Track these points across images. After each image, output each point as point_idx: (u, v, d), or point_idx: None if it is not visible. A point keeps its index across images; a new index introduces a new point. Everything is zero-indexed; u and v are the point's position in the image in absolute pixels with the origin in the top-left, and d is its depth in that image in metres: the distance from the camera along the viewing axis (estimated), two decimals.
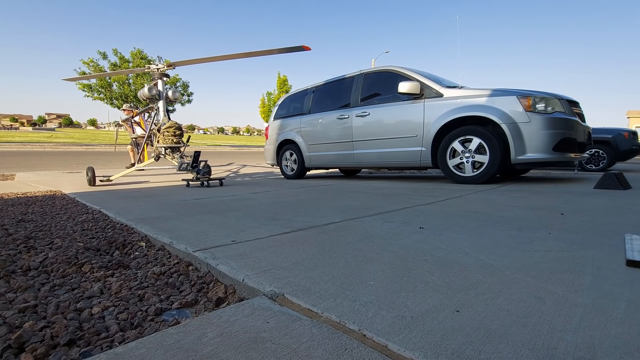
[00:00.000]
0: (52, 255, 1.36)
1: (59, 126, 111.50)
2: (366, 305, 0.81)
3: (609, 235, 1.40)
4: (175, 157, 4.39)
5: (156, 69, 4.51)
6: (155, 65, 4.53)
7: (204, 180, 4.08)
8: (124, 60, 25.17)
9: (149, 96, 4.39)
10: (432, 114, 3.77)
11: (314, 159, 5.11)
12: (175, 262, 1.30)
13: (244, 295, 0.98)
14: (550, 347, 0.62)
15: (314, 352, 0.64)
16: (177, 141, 4.33)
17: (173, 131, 4.31)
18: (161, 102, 4.49)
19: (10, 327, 0.81)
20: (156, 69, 4.51)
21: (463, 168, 3.65)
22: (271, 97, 32.34)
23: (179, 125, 4.41)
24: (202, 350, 0.66)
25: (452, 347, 0.63)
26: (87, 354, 0.72)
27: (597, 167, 6.45)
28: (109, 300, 0.99)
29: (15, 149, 16.80)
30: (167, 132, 4.31)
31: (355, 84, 4.60)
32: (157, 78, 4.51)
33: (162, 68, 4.51)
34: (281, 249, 1.29)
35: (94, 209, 2.46)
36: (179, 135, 4.37)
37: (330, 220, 1.84)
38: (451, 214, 1.93)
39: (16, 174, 5.97)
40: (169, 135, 4.30)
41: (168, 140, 4.31)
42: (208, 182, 4.12)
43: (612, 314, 0.74)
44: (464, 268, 1.05)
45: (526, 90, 3.41)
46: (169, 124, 4.33)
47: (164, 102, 4.51)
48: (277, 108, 5.90)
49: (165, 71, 4.56)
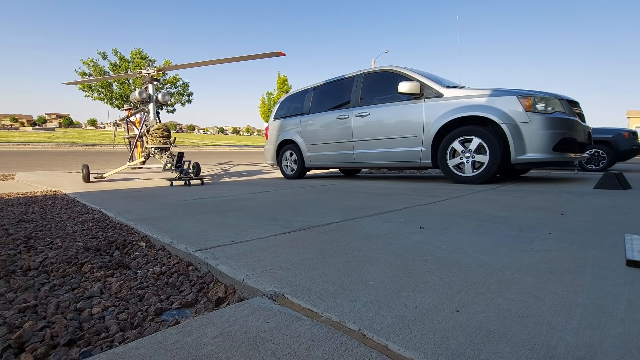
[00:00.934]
0: (52, 255, 1.36)
1: (59, 126, 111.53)
2: (366, 305, 0.81)
3: (609, 235, 1.40)
4: (163, 156, 4.68)
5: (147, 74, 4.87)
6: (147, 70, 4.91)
7: (186, 180, 4.32)
8: (124, 60, 25.16)
9: (139, 99, 4.72)
10: (432, 114, 3.77)
11: (314, 159, 5.11)
12: (175, 262, 1.30)
13: (244, 295, 0.98)
14: (550, 347, 0.62)
15: (314, 352, 0.64)
16: (164, 142, 4.66)
17: (161, 132, 4.63)
18: (151, 104, 4.82)
19: (10, 327, 0.81)
20: (147, 73, 4.88)
21: (463, 168, 3.65)
22: (271, 97, 32.33)
23: (167, 127, 4.73)
24: (202, 350, 0.66)
25: (452, 347, 0.63)
26: (87, 354, 0.72)
27: (597, 167, 6.45)
28: (109, 300, 0.99)
29: (15, 149, 16.80)
30: (155, 133, 4.62)
31: (355, 84, 4.60)
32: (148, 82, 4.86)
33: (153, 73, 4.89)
34: (281, 249, 1.29)
35: (94, 209, 2.46)
36: (167, 136, 4.69)
37: (330, 220, 1.84)
38: (451, 214, 1.93)
39: (16, 174, 5.97)
40: (157, 136, 4.62)
41: (156, 141, 4.62)
42: (189, 181, 4.36)
43: (612, 314, 0.74)
44: (464, 268, 1.05)
45: (526, 90, 3.41)
46: (157, 126, 4.66)
47: (154, 105, 4.84)
48: (277, 108, 5.90)
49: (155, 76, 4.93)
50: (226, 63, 4.88)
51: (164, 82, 26.34)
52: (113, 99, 25.46)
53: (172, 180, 4.31)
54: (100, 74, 23.78)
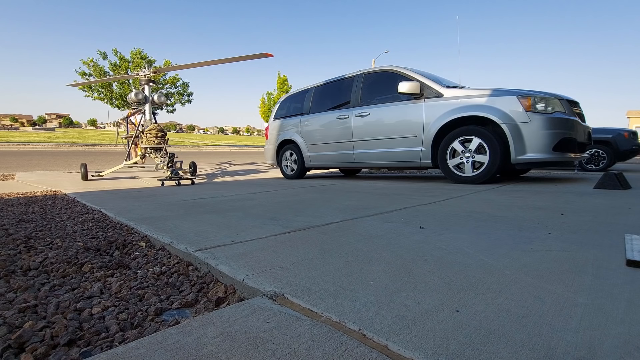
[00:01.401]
0: (52, 255, 1.36)
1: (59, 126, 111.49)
2: (366, 305, 0.81)
3: (609, 235, 1.40)
4: (157, 156, 4.79)
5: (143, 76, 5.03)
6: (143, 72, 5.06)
7: (176, 180, 4.40)
8: (124, 60, 25.14)
9: (135, 100, 4.85)
10: (432, 114, 3.77)
11: (314, 159, 5.11)
12: (175, 262, 1.30)
13: (244, 295, 0.98)
14: (550, 347, 0.62)
15: (314, 352, 0.64)
16: (158, 142, 4.78)
17: (155, 133, 4.76)
18: (147, 105, 4.96)
19: (10, 327, 0.81)
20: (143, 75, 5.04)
21: (463, 168, 3.65)
22: (271, 97, 32.30)
23: (161, 127, 4.86)
24: (202, 350, 0.66)
25: (452, 347, 0.63)
26: (87, 354, 0.72)
27: (597, 167, 6.45)
28: (109, 300, 0.99)
29: (15, 149, 16.80)
30: (149, 133, 4.75)
31: (355, 84, 4.60)
32: (144, 84, 5.01)
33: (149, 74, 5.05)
34: (281, 249, 1.29)
35: (94, 209, 2.46)
36: (161, 137, 4.82)
37: (330, 220, 1.84)
38: (451, 214, 1.93)
39: (16, 174, 5.97)
40: (151, 136, 4.75)
41: (150, 141, 4.75)
42: (179, 181, 4.42)
43: (612, 314, 0.74)
44: (464, 268, 1.05)
45: (526, 90, 3.40)
46: (151, 127, 4.79)
47: (149, 106, 4.97)
48: (277, 108, 5.90)
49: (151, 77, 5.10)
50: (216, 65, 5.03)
51: (164, 82, 26.34)
52: (113, 99, 25.44)
53: (163, 180, 4.35)
54: (100, 73, 23.79)
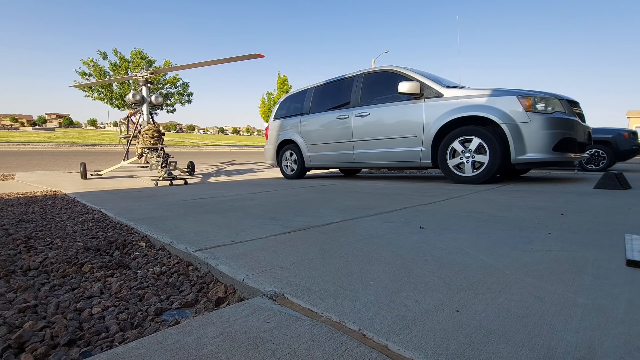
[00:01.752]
0: (52, 255, 1.36)
1: (59, 126, 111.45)
2: (366, 305, 0.81)
3: (609, 235, 1.40)
4: (153, 156, 4.85)
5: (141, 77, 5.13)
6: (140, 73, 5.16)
7: (169, 180, 4.44)
8: (124, 60, 25.13)
9: (133, 101, 4.95)
10: (432, 114, 3.77)
11: (314, 159, 5.11)
12: (175, 262, 1.30)
13: (244, 295, 0.98)
14: (550, 347, 0.62)
15: (314, 352, 0.64)
16: (154, 142, 4.84)
17: (151, 133, 4.84)
18: (144, 106, 5.05)
19: (10, 327, 0.81)
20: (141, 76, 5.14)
21: (463, 168, 3.65)
22: (271, 97, 32.28)
23: (158, 128, 4.92)
24: (202, 350, 0.66)
25: (452, 347, 0.63)
26: (87, 354, 0.72)
27: (597, 167, 6.44)
28: (109, 300, 0.99)
29: (15, 149, 16.79)
30: (146, 134, 4.83)
31: (355, 84, 4.60)
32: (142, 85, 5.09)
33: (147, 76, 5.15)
34: (281, 249, 1.29)
35: (94, 209, 2.46)
36: (157, 137, 4.88)
37: (330, 220, 1.84)
38: (451, 214, 1.93)
39: (16, 174, 5.96)
40: (148, 137, 4.82)
41: (146, 141, 4.83)
42: (172, 181, 4.46)
43: (612, 314, 0.74)
44: (464, 268, 1.05)
45: (526, 90, 3.40)
46: (147, 127, 4.87)
47: (147, 107, 5.06)
48: (277, 108, 5.90)
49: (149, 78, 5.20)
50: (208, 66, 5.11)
51: (164, 82, 26.33)
52: (113, 99, 25.43)
53: (157, 180, 4.36)
54: (100, 73, 23.79)
